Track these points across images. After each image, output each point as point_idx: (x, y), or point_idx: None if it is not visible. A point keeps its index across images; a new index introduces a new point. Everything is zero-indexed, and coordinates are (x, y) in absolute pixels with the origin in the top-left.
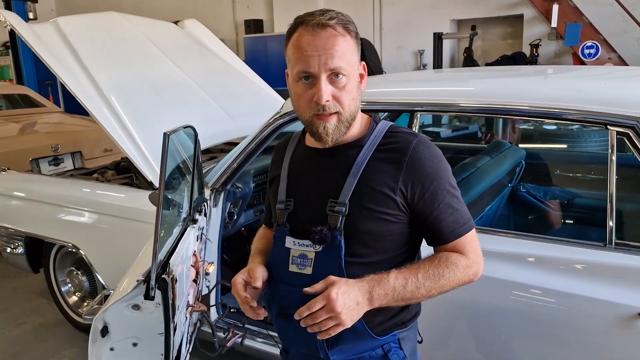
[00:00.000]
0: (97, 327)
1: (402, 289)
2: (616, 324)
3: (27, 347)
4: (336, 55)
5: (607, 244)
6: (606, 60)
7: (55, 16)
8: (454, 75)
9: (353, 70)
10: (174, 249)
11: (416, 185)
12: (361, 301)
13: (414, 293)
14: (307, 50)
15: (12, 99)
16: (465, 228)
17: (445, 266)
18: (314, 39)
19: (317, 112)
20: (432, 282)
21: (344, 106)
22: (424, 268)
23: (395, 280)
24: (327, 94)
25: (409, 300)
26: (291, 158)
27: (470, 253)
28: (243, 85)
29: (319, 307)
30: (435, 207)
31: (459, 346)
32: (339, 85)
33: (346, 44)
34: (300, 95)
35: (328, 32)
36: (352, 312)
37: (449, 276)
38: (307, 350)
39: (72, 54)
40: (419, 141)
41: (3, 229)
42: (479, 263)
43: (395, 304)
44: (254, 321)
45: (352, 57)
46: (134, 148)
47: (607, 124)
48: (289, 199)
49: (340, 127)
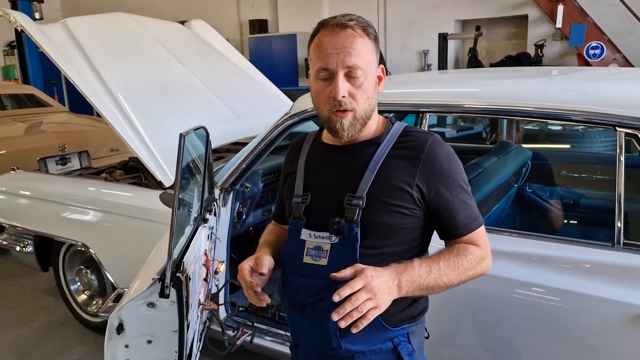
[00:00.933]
0: (112, 325)
1: (426, 276)
2: (624, 324)
3: (35, 345)
4: (354, 53)
5: (615, 244)
6: (611, 60)
7: (60, 16)
8: (460, 76)
9: (370, 70)
10: (187, 248)
11: (432, 181)
12: (392, 286)
13: (437, 280)
14: (327, 49)
15: (19, 99)
16: (477, 223)
17: (464, 255)
18: (334, 38)
19: (334, 108)
20: (452, 270)
21: (359, 104)
22: (445, 257)
23: (420, 268)
24: (343, 90)
25: (431, 289)
26: (307, 155)
27: (483, 245)
28: (250, 85)
29: (360, 287)
30: (450, 202)
31: (465, 344)
32: (355, 83)
33: (364, 44)
34: (320, 92)
35: (347, 32)
36: (386, 296)
37: (468, 265)
38: (319, 341)
39: (82, 54)
40: (434, 140)
41: (12, 227)
42: (490, 256)
43: (419, 292)
44: (263, 320)
45: (369, 58)
46: (143, 148)
47: (616, 125)
48: (306, 193)
49: (356, 124)
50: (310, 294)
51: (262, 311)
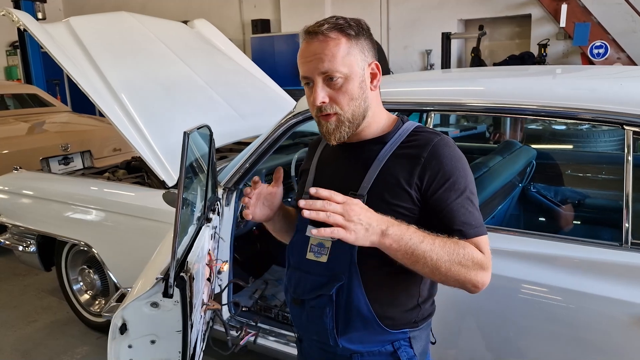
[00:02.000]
0: (116, 325)
1: (417, 243)
2: (632, 324)
3: (38, 344)
4: (325, 59)
5: (622, 244)
6: (615, 60)
7: (62, 16)
8: (463, 74)
9: (352, 70)
10: (190, 248)
11: (431, 179)
12: (374, 227)
13: (425, 254)
14: (302, 58)
15: (22, 99)
16: (477, 231)
17: (462, 247)
18: (307, 45)
19: (318, 113)
20: (445, 253)
21: (342, 107)
22: (443, 239)
23: (414, 233)
24: (320, 96)
25: (417, 259)
26: (321, 153)
27: (486, 255)
28: (252, 84)
29: (339, 200)
30: (448, 204)
31: (470, 345)
32: (334, 86)
33: (339, 47)
34: (308, 98)
35: (318, 38)
36: (361, 229)
37: (462, 260)
38: (317, 337)
39: (84, 54)
40: (440, 140)
41: (15, 227)
42: (489, 273)
43: (402, 255)
44: (266, 320)
45: (348, 59)
46: (146, 147)
47: (624, 124)
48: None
49: (341, 127)
50: (310, 290)
51: (266, 311)
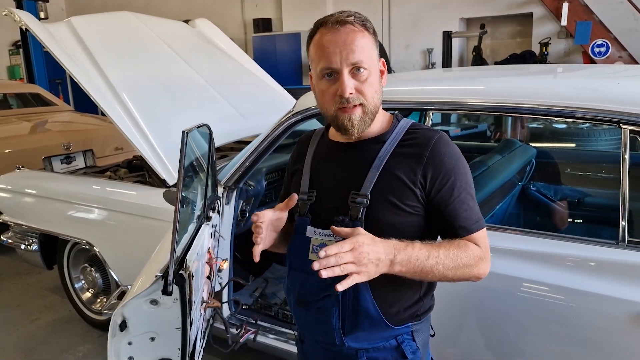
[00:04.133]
0: (116, 322)
1: (423, 260)
2: (629, 322)
3: (41, 342)
4: (356, 50)
5: (619, 242)
6: (616, 58)
7: (65, 16)
8: (464, 73)
9: (373, 64)
10: (190, 246)
11: (435, 178)
12: (383, 260)
13: (433, 268)
14: (329, 47)
15: (24, 98)
16: (477, 225)
17: (464, 250)
18: (335, 35)
19: (342, 105)
20: (450, 261)
21: (367, 98)
22: (445, 246)
23: (419, 251)
24: (350, 87)
25: (425, 275)
26: (314, 152)
27: (483, 247)
28: (254, 84)
29: (347, 250)
30: (451, 201)
31: (470, 342)
32: (360, 78)
33: (365, 39)
34: (325, 91)
35: (347, 28)
36: (372, 267)
37: (466, 261)
38: (323, 337)
39: (86, 53)
40: (439, 137)
41: (17, 226)
42: (489, 261)
43: (412, 275)
44: (266, 317)
45: (371, 52)
46: (147, 146)
47: (620, 123)
48: (312, 190)
49: (365, 119)
50: (315, 291)
51: (266, 309)
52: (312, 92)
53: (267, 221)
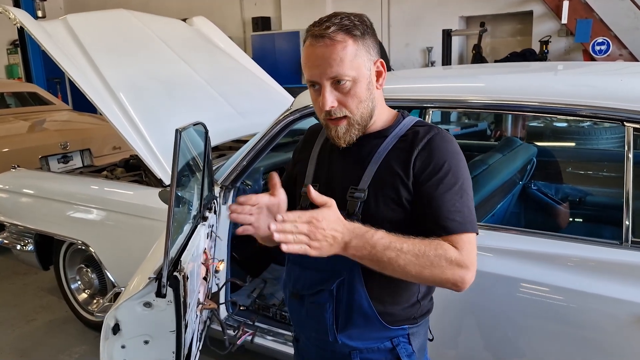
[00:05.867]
0: (108, 325)
1: (381, 250)
2: (632, 323)
3: (37, 343)
4: (334, 64)
5: (623, 242)
6: (617, 56)
7: (63, 14)
8: (464, 71)
9: (359, 73)
10: (185, 247)
11: (423, 168)
12: (338, 240)
13: (391, 260)
14: (309, 61)
15: (22, 97)
16: (461, 227)
17: (433, 248)
18: (314, 49)
19: (327, 117)
20: (413, 257)
21: (351, 110)
22: (412, 242)
23: (380, 240)
24: (330, 101)
25: (383, 265)
26: (322, 145)
27: (464, 252)
28: (252, 82)
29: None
30: (435, 196)
31: (470, 344)
32: (343, 90)
33: (347, 50)
34: (314, 100)
35: (325, 42)
36: (325, 245)
37: (434, 260)
38: (316, 334)
39: (82, 52)
40: (437, 133)
41: (13, 226)
42: (470, 269)
43: (368, 263)
44: (264, 319)
45: (355, 61)
46: (144, 145)
47: (624, 120)
48: (315, 184)
49: (351, 130)
50: (309, 285)
51: (264, 310)
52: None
53: (261, 205)
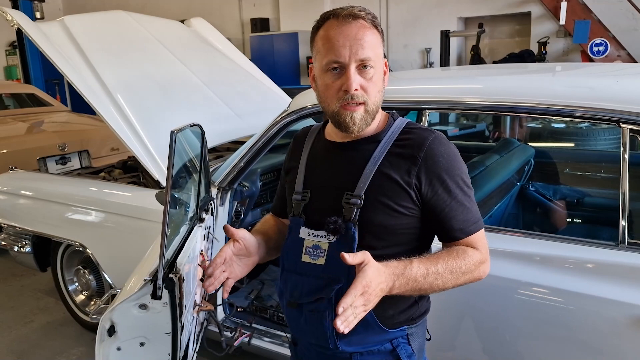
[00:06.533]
0: (104, 327)
1: (422, 280)
2: (629, 325)
3: (34, 345)
4: (366, 46)
5: (619, 244)
6: (615, 57)
7: (62, 15)
8: (462, 72)
9: (379, 63)
10: (181, 248)
11: (430, 180)
12: (384, 289)
13: (432, 284)
14: (339, 40)
15: (20, 98)
16: (476, 227)
17: (463, 258)
18: (345, 28)
19: (345, 101)
20: (449, 273)
21: (370, 97)
22: (444, 259)
23: (418, 271)
24: (356, 83)
25: (425, 291)
26: (310, 150)
27: (482, 249)
28: (250, 83)
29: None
30: (448, 203)
31: (467, 345)
32: (366, 76)
33: (374, 37)
34: (329, 85)
35: (359, 23)
36: (377, 299)
37: (466, 269)
38: (315, 340)
39: (79, 53)
40: (435, 138)
41: (11, 227)
42: (489, 260)
43: (411, 293)
44: (261, 320)
45: (378, 50)
46: (141, 147)
47: (620, 122)
48: (306, 190)
49: (367, 118)
50: (308, 293)
51: (261, 312)
52: (306, 91)
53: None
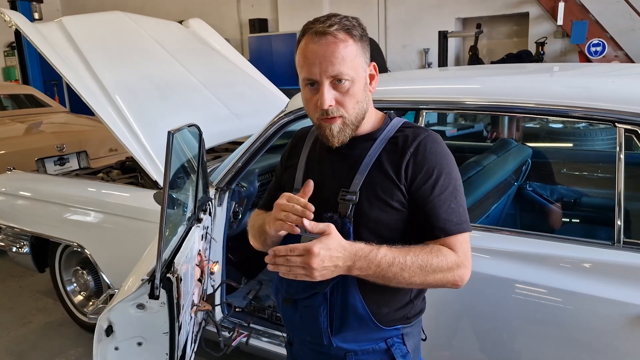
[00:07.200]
0: (101, 327)
1: (386, 267)
2: (624, 324)
3: (33, 346)
4: (336, 62)
5: (615, 243)
6: (613, 58)
7: (61, 16)
8: (460, 73)
9: (357, 73)
10: (179, 248)
11: (416, 173)
12: (340, 266)
13: (397, 275)
14: (309, 58)
15: (18, 99)
16: (458, 228)
17: (435, 256)
18: (315, 47)
19: (322, 116)
20: (418, 268)
21: (347, 110)
22: (415, 252)
23: (383, 257)
24: (329, 100)
25: (389, 280)
26: (309, 149)
27: (460, 253)
28: (248, 84)
29: (297, 254)
30: (431, 199)
31: (464, 346)
32: (341, 90)
33: (347, 49)
34: (308, 100)
35: (328, 39)
36: (326, 271)
37: (437, 267)
38: (310, 337)
39: (77, 54)
40: (427, 136)
41: (9, 228)
42: (468, 267)
43: (373, 279)
44: (259, 321)
45: (355, 62)
46: (139, 147)
47: (615, 122)
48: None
49: (345, 130)
50: (302, 289)
51: (259, 312)
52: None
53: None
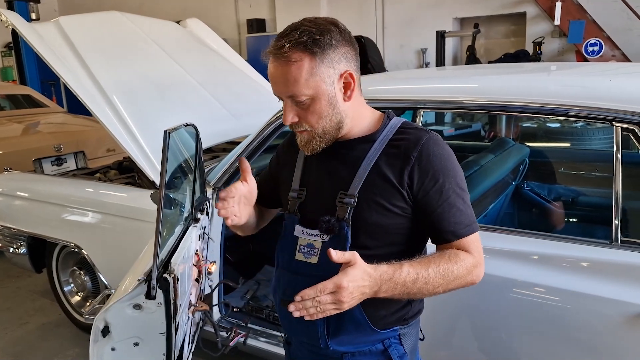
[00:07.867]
0: (98, 327)
1: (411, 284)
2: (622, 322)
3: (30, 346)
4: (288, 84)
5: (612, 242)
6: (610, 57)
7: (58, 16)
8: (457, 72)
9: (317, 90)
10: (176, 248)
11: (422, 179)
12: (367, 293)
13: (422, 289)
14: (270, 78)
15: (15, 100)
16: (468, 230)
17: (455, 262)
18: (271, 67)
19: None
20: (440, 278)
21: (311, 125)
22: (436, 263)
23: (407, 275)
24: (290, 118)
25: (414, 295)
26: None
27: (475, 253)
28: (246, 84)
29: (328, 292)
30: (439, 204)
31: (462, 345)
32: (302, 107)
33: (300, 70)
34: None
35: (280, 61)
36: (354, 301)
37: (458, 274)
38: (307, 339)
39: (74, 54)
40: (429, 138)
41: (6, 229)
42: (483, 264)
43: (399, 297)
44: (257, 321)
45: (312, 79)
46: (136, 147)
47: (613, 120)
48: (302, 188)
49: (313, 141)
50: (300, 291)
51: (257, 312)
52: None
53: (239, 196)
